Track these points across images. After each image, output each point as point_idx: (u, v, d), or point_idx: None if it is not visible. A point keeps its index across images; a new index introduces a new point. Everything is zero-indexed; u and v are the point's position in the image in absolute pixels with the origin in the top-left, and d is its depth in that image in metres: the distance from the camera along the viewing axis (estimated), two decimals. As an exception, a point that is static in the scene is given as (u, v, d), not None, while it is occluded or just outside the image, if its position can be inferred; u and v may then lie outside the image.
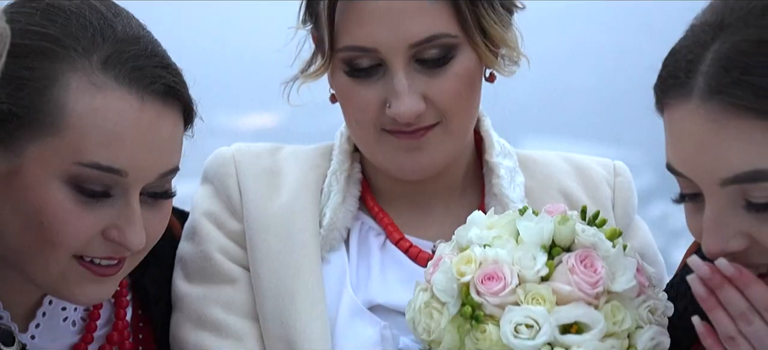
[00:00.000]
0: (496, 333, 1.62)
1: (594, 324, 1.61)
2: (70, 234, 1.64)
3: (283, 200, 1.91)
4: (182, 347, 1.89)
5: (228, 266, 1.90)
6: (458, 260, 1.66)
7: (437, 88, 1.82)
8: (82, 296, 1.71)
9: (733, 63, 1.48)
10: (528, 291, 1.63)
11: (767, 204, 1.48)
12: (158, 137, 1.67)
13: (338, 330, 1.86)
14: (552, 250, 1.67)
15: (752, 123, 1.47)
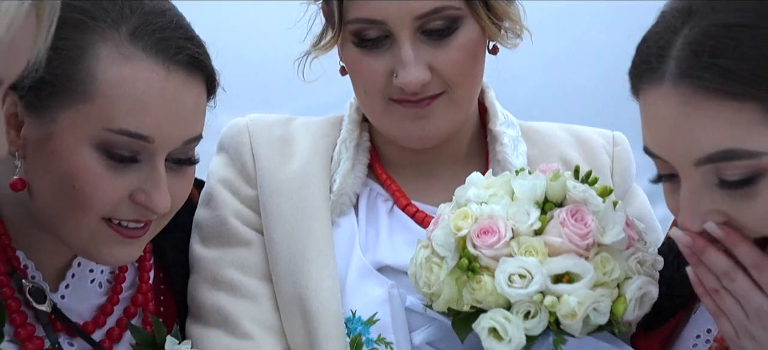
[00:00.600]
0: (491, 283, 1.71)
1: (584, 274, 1.70)
2: (99, 197, 1.73)
3: (295, 167, 2.01)
4: (199, 307, 1.98)
5: (242, 229, 2.00)
6: (455, 216, 1.76)
7: (442, 58, 1.90)
8: (110, 257, 1.80)
9: (702, 47, 1.53)
10: (521, 244, 1.72)
11: (740, 182, 1.53)
12: (183, 105, 1.76)
13: (348, 289, 1.95)
14: (545, 206, 1.76)
15: (722, 104, 1.52)
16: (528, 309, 1.70)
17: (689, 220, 1.59)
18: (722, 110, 1.51)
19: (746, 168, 1.51)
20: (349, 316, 1.93)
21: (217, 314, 1.96)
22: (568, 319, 1.69)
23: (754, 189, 1.52)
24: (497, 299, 1.71)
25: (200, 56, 1.78)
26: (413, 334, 1.93)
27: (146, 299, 1.97)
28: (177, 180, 1.80)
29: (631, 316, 1.73)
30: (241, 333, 1.94)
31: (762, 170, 1.51)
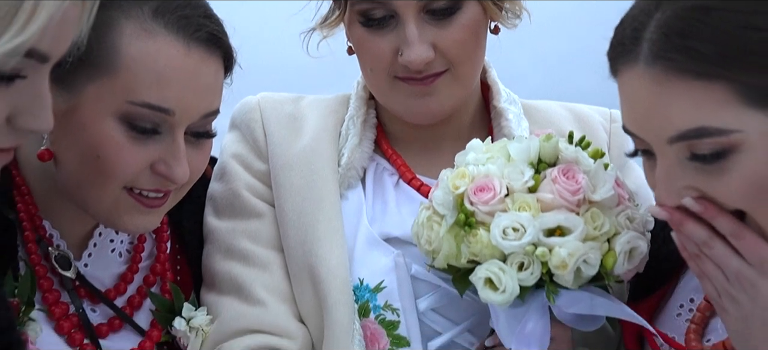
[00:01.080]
0: (486, 236, 1.79)
1: (575, 228, 1.78)
2: (122, 167, 1.81)
3: (304, 142, 2.10)
4: (213, 275, 2.08)
5: (254, 202, 2.09)
6: (454, 175, 1.85)
7: (445, 37, 1.99)
8: (131, 225, 1.89)
9: (673, 29, 1.59)
10: (515, 200, 1.80)
11: (711, 158, 1.59)
12: (202, 80, 1.84)
13: (356, 258, 2.03)
14: (539, 166, 1.85)
15: (691, 84, 1.57)
16: (521, 261, 1.78)
17: (665, 196, 1.66)
18: (692, 89, 1.57)
19: (717, 145, 1.57)
20: (357, 284, 2.02)
21: (231, 282, 2.05)
22: (559, 270, 1.77)
23: (725, 165, 1.58)
24: (492, 251, 1.79)
25: (219, 34, 1.87)
26: (418, 301, 2.01)
27: (164, 268, 2.07)
28: (195, 153, 1.89)
29: (621, 270, 1.81)
30: (253, 300, 2.03)
31: (731, 146, 1.57)
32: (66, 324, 1.91)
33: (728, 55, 1.54)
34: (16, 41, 1.40)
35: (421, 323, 2.01)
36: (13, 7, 1.39)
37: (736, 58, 1.54)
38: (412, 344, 2.00)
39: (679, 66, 1.57)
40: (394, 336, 2.00)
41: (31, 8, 1.41)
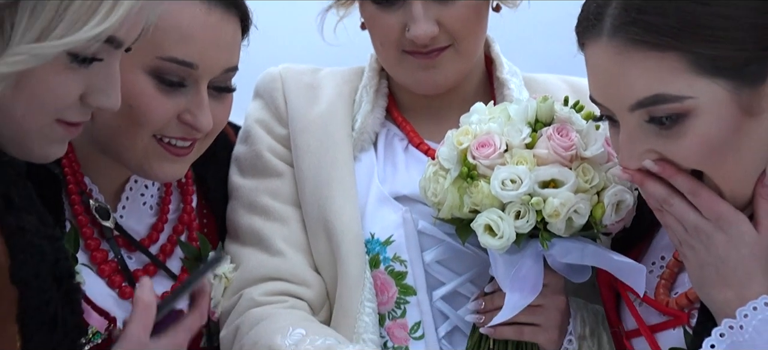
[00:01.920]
0: (486, 187, 1.97)
1: (567, 180, 1.96)
2: (152, 116, 2.00)
3: (321, 108, 2.28)
4: (237, 228, 2.25)
5: (275, 162, 2.27)
6: (458, 133, 2.03)
7: (448, 15, 2.15)
8: (161, 172, 2.06)
9: (632, 5, 1.73)
10: (514, 155, 1.98)
11: (668, 123, 1.74)
12: (222, 37, 2.03)
13: (367, 214, 2.20)
14: (536, 125, 2.03)
15: (648, 54, 1.71)
16: (518, 210, 1.96)
17: (628, 159, 1.81)
18: (649, 59, 1.72)
19: (672, 111, 1.72)
20: (368, 238, 2.19)
21: (253, 234, 2.23)
22: (552, 219, 1.94)
23: (681, 129, 1.73)
24: (492, 201, 1.97)
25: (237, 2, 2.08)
26: (424, 253, 2.18)
27: (191, 218, 2.25)
28: (217, 105, 2.07)
29: (609, 220, 1.98)
30: (273, 251, 2.21)
31: (686, 112, 1.72)
32: (107, 269, 2.09)
33: (680, 27, 1.69)
34: (99, 29, 1.60)
35: (427, 274, 2.18)
36: (97, 2, 1.59)
37: (688, 31, 1.69)
38: (418, 293, 2.17)
39: (637, 38, 1.71)
40: (402, 286, 2.18)
41: (110, 6, 1.62)
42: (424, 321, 2.18)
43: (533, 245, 2.00)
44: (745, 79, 1.71)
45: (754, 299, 1.74)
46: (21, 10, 1.58)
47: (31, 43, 1.58)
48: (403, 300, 2.18)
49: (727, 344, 1.75)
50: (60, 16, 1.59)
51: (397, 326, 2.19)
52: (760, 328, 1.73)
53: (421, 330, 2.18)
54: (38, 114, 1.66)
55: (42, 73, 1.62)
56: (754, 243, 1.77)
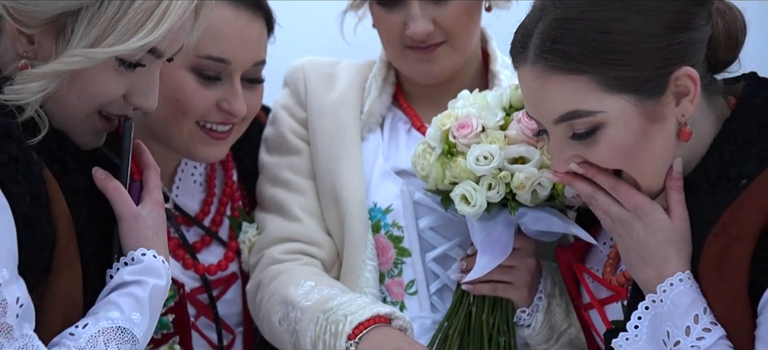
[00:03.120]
0: (463, 162, 2.30)
1: (532, 157, 2.28)
2: (195, 105, 2.40)
3: (335, 95, 2.63)
4: (262, 198, 2.62)
5: (295, 141, 2.63)
6: (442, 116, 2.37)
7: (442, 15, 2.47)
8: (204, 154, 2.46)
9: (548, 36, 1.98)
10: (488, 135, 2.31)
11: (586, 133, 2.02)
12: (250, 36, 2.42)
13: (372, 186, 2.55)
14: (510, 110, 2.36)
15: (564, 77, 1.97)
16: (490, 182, 2.29)
17: (557, 164, 2.10)
18: (565, 82, 1.98)
19: (588, 124, 2.01)
20: (372, 206, 2.54)
21: (275, 203, 2.60)
22: (519, 190, 2.27)
23: (596, 138, 2.02)
24: (468, 174, 2.30)
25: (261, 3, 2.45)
26: (419, 221, 2.52)
27: (233, 191, 2.65)
28: (250, 94, 2.47)
29: (569, 193, 2.30)
30: (292, 217, 2.57)
31: (599, 124, 2.00)
32: (171, 244, 2.47)
33: (589, 54, 1.97)
34: (144, 41, 1.97)
35: (421, 238, 2.52)
36: (145, 15, 1.96)
37: (595, 57, 1.97)
38: (413, 255, 2.52)
39: (554, 64, 1.98)
40: (399, 248, 2.53)
41: (159, 17, 1.97)
42: (417, 280, 2.53)
43: (504, 213, 2.34)
44: (646, 93, 1.99)
45: (670, 276, 2.03)
46: (80, 18, 1.94)
47: (87, 48, 1.94)
48: (400, 260, 2.54)
49: (651, 315, 2.05)
50: (112, 27, 1.95)
51: (395, 283, 2.54)
52: (676, 300, 2.01)
53: (415, 287, 2.53)
54: (85, 106, 2.03)
55: (93, 73, 1.99)
56: (668, 229, 2.05)
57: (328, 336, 2.31)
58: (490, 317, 2.41)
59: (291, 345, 2.43)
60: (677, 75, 2.00)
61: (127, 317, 1.97)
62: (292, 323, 2.40)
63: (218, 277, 2.60)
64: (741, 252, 1.96)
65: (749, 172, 2.01)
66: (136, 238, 2.06)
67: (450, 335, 2.42)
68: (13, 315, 1.82)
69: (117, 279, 2.02)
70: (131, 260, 2.04)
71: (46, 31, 1.96)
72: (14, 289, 1.83)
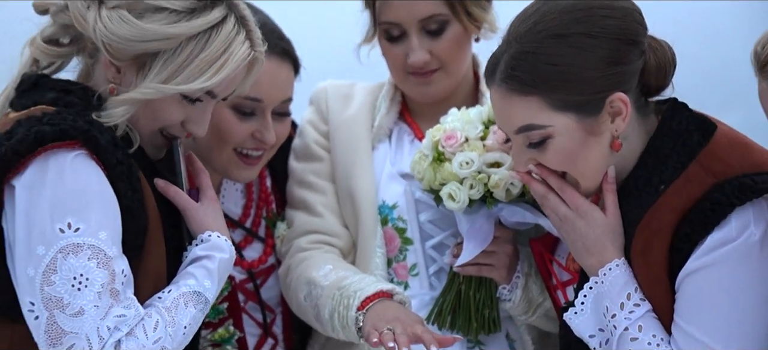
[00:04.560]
0: (450, 167, 2.82)
1: (505, 162, 2.81)
2: (233, 135, 2.92)
3: (351, 112, 3.15)
4: (291, 198, 3.16)
5: (318, 150, 3.15)
6: (434, 130, 2.89)
7: (437, 47, 2.99)
8: (238, 176, 3.00)
9: (510, 65, 2.42)
10: (470, 145, 2.84)
11: (538, 142, 2.45)
12: (279, 78, 2.93)
13: (381, 187, 3.07)
14: (488, 123, 2.89)
15: (521, 97, 2.42)
16: (471, 183, 2.81)
17: (517, 165, 2.55)
18: (522, 101, 2.43)
19: (539, 135, 2.43)
20: (381, 204, 3.06)
21: (301, 202, 3.14)
22: (495, 189, 2.79)
23: (547, 146, 2.47)
24: (453, 176, 2.82)
25: (288, 48, 2.98)
26: (420, 215, 3.04)
27: (267, 196, 3.19)
28: (279, 125, 3.00)
29: (537, 191, 2.83)
30: (315, 213, 3.10)
31: (548, 135, 2.43)
32: None
33: (540, 81, 2.41)
34: (205, 84, 2.51)
35: (421, 230, 3.05)
36: (208, 64, 2.49)
37: (545, 83, 2.40)
38: (415, 243, 3.04)
39: (513, 87, 2.43)
40: (404, 238, 3.06)
41: (218, 68, 2.49)
42: (419, 264, 3.06)
43: (484, 208, 2.86)
44: (586, 112, 2.42)
45: (609, 262, 2.50)
46: (158, 59, 2.47)
47: (160, 83, 2.48)
48: (405, 248, 3.06)
49: (594, 294, 2.53)
50: (181, 70, 2.47)
51: (400, 267, 3.07)
52: (613, 282, 2.49)
53: (417, 269, 3.06)
54: (151, 125, 2.58)
55: (161, 102, 2.53)
56: (604, 224, 2.52)
57: (342, 308, 2.85)
58: (477, 293, 2.94)
59: (313, 317, 2.97)
60: (612, 99, 2.43)
61: (201, 283, 2.53)
62: (314, 299, 2.94)
63: (260, 269, 3.16)
64: (660, 244, 2.44)
65: (666, 179, 2.45)
66: (200, 224, 2.62)
67: (444, 309, 2.96)
68: (120, 282, 2.39)
69: (191, 255, 2.58)
70: (200, 241, 2.60)
71: (130, 65, 2.51)
72: (120, 263, 2.40)
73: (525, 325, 3.03)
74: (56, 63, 2.62)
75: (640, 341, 2.43)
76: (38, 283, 2.36)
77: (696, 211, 2.41)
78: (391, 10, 3.01)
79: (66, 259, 2.35)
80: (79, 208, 2.38)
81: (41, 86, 2.56)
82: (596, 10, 2.44)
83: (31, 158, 2.38)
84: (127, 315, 2.39)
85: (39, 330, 2.37)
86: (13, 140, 2.40)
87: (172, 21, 2.48)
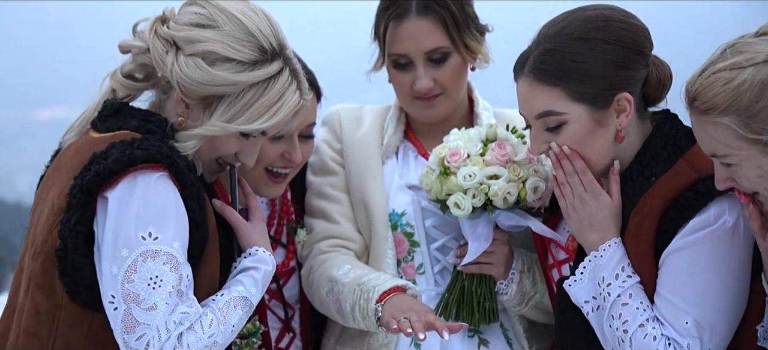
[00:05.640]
0: (455, 180, 3.27)
1: (502, 175, 3.27)
2: (266, 155, 3.34)
3: (362, 131, 3.59)
4: (310, 208, 3.60)
5: (333, 166, 3.59)
6: (439, 147, 3.34)
7: (440, 75, 3.45)
8: (268, 192, 3.45)
9: (539, 59, 2.95)
10: (472, 160, 3.30)
11: (555, 127, 2.99)
12: (305, 106, 3.33)
13: (390, 197, 3.52)
14: (486, 141, 3.35)
15: (544, 87, 2.95)
16: (474, 193, 3.27)
17: (534, 147, 3.09)
18: (544, 90, 2.96)
19: (556, 120, 2.98)
20: (391, 212, 3.52)
21: (320, 211, 3.58)
22: (494, 198, 3.25)
23: (561, 131, 3.00)
24: (458, 188, 3.27)
25: (313, 80, 3.44)
26: (425, 221, 3.50)
27: (288, 207, 3.63)
28: (304, 146, 3.45)
29: (530, 199, 3.28)
30: (333, 221, 3.55)
31: (563, 121, 2.98)
32: None
33: (561, 74, 2.96)
34: (261, 126, 2.98)
35: (427, 234, 3.51)
36: (264, 109, 2.94)
37: (565, 77, 2.94)
38: (421, 246, 3.50)
39: (539, 77, 2.96)
40: (411, 241, 3.51)
41: (272, 114, 2.94)
42: (424, 263, 3.52)
43: (485, 214, 3.32)
44: (597, 105, 2.95)
45: (610, 240, 3.00)
46: (223, 101, 2.93)
47: (223, 122, 2.93)
48: (412, 250, 3.52)
49: (592, 266, 3.01)
50: (242, 113, 2.93)
51: (408, 266, 3.53)
52: (611, 256, 2.98)
53: (423, 269, 3.52)
54: (210, 154, 3.03)
55: (222, 137, 2.98)
56: (611, 207, 3.03)
57: (363, 302, 3.29)
58: (478, 288, 3.40)
59: (335, 310, 3.41)
60: (619, 97, 2.96)
61: (248, 290, 3.01)
62: (336, 294, 3.38)
63: (282, 271, 3.60)
64: (649, 225, 2.94)
65: (657, 172, 2.96)
66: (249, 240, 3.10)
67: (450, 302, 3.42)
68: (185, 285, 2.85)
69: (241, 266, 3.06)
70: (248, 254, 3.07)
71: (198, 104, 2.96)
72: (186, 268, 2.86)
73: (517, 316, 3.49)
74: (131, 94, 3.08)
75: (630, 306, 2.92)
76: (120, 280, 2.81)
77: (681, 199, 2.90)
78: (400, 44, 3.47)
79: (145, 262, 2.80)
80: (159, 220, 2.83)
81: (123, 113, 3.02)
82: (613, 23, 2.97)
83: (123, 176, 2.84)
84: (189, 313, 2.84)
85: (116, 319, 2.82)
86: (110, 159, 2.85)
87: (238, 70, 2.93)
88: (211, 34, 2.94)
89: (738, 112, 2.67)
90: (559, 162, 3.05)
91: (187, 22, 2.97)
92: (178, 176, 2.87)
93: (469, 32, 3.49)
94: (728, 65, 2.69)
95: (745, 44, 2.72)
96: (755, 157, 2.71)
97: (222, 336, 2.90)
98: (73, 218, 2.86)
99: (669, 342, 2.89)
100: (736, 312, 2.91)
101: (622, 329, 2.92)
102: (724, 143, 2.72)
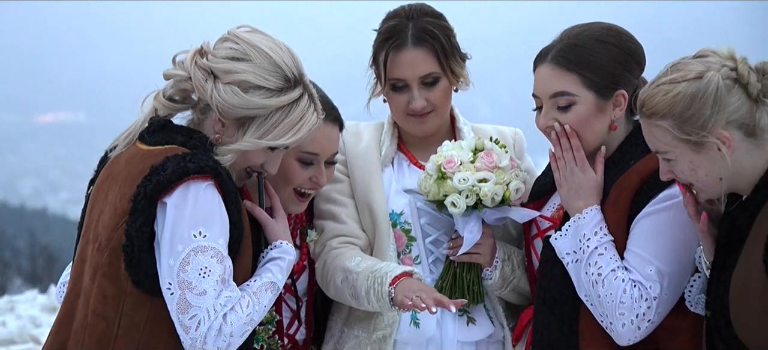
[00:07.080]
0: (450, 183, 3.91)
1: (490, 179, 3.92)
2: (296, 179, 3.94)
3: (362, 145, 4.20)
4: (321, 212, 4.19)
5: (340, 175, 4.18)
6: (436, 156, 3.98)
7: (431, 96, 4.08)
8: (294, 209, 4.01)
9: (562, 50, 3.68)
10: (464, 167, 3.94)
11: (565, 107, 3.70)
12: (330, 137, 3.95)
13: (390, 199, 4.14)
14: (476, 151, 4.00)
15: (563, 72, 3.67)
16: (467, 194, 3.92)
17: (543, 122, 3.78)
18: (563, 74, 3.67)
19: (567, 100, 3.70)
20: (391, 212, 4.14)
21: (329, 213, 4.18)
22: (484, 197, 3.90)
23: (569, 110, 3.71)
24: (453, 190, 3.92)
25: (337, 115, 4.02)
26: (421, 219, 4.13)
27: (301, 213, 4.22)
28: (329, 170, 4.04)
29: (513, 198, 3.94)
30: (341, 221, 4.15)
31: (573, 102, 3.69)
32: None
33: (578, 62, 3.68)
34: (285, 142, 3.57)
35: (422, 230, 4.13)
36: (289, 128, 3.53)
37: (580, 64, 3.66)
38: (417, 240, 4.12)
39: (561, 63, 3.67)
40: (409, 236, 4.13)
41: (295, 132, 3.53)
42: (420, 255, 4.15)
43: (476, 212, 3.97)
44: (601, 95, 3.67)
45: (591, 205, 3.69)
46: (254, 121, 3.51)
47: (255, 139, 3.51)
48: (409, 244, 4.14)
49: (575, 226, 3.70)
50: (270, 131, 3.51)
51: (407, 258, 4.15)
52: (591, 218, 3.66)
53: (419, 259, 4.14)
54: (241, 164, 3.61)
55: (254, 151, 3.56)
56: (594, 179, 3.72)
57: (377, 286, 3.90)
58: (468, 275, 4.05)
59: (350, 295, 4.00)
60: (618, 93, 3.70)
61: (275, 276, 3.61)
62: (350, 282, 3.98)
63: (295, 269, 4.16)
64: (625, 197, 3.65)
65: (635, 157, 3.69)
66: (275, 234, 3.70)
67: (444, 287, 4.06)
68: (228, 274, 3.44)
69: (268, 256, 3.65)
70: (274, 247, 3.67)
71: (233, 124, 3.55)
72: (228, 261, 3.45)
73: (498, 298, 4.15)
74: (170, 114, 3.65)
75: (604, 256, 3.62)
76: (176, 270, 3.39)
77: (653, 176, 3.58)
78: (398, 70, 4.10)
79: (196, 256, 3.40)
80: (208, 221, 3.42)
81: (169, 129, 3.60)
82: (623, 35, 3.75)
83: (178, 184, 3.42)
84: (232, 296, 3.43)
85: (173, 302, 3.40)
86: (167, 171, 3.43)
87: (268, 96, 3.52)
88: (245, 67, 3.53)
89: (674, 117, 3.33)
90: (559, 140, 3.75)
91: (224, 56, 3.56)
92: (221, 185, 3.46)
93: (455, 60, 4.14)
94: (668, 80, 3.35)
95: (684, 64, 3.37)
96: (687, 154, 3.36)
97: (257, 315, 3.50)
98: (139, 220, 3.43)
99: (635, 283, 3.60)
100: (689, 271, 3.62)
101: (596, 274, 3.61)
102: (663, 142, 3.38)
